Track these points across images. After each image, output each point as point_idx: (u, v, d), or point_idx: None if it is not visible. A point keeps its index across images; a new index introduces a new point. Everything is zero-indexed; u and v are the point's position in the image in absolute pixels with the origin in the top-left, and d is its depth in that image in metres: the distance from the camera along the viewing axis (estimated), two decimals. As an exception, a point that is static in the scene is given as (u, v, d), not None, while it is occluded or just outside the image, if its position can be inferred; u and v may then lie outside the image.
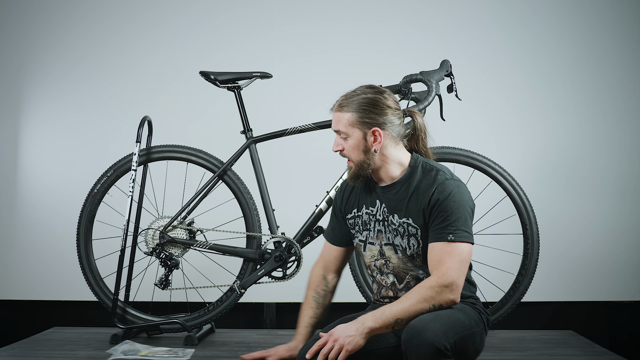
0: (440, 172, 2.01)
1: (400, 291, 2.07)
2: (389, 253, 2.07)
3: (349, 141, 2.04)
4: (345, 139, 2.05)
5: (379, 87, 2.09)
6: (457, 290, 1.91)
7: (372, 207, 2.10)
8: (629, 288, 3.32)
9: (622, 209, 3.34)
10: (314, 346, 1.89)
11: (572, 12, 3.40)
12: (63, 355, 2.53)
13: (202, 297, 3.09)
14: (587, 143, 3.37)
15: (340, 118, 2.05)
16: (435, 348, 1.78)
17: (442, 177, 1.99)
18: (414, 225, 2.01)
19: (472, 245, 1.95)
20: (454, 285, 1.90)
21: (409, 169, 2.05)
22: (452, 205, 1.94)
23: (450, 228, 1.93)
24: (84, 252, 2.84)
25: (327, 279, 2.23)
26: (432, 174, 2.01)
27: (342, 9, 3.44)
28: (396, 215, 2.04)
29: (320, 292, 2.21)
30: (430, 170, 2.03)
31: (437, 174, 2.00)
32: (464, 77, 3.09)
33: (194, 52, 3.44)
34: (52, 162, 3.46)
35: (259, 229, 2.78)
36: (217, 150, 2.90)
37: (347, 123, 2.03)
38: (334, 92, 3.34)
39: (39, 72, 3.48)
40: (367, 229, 2.12)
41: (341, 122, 2.04)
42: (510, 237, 2.87)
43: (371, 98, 2.03)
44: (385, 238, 2.07)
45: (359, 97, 2.03)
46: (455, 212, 1.94)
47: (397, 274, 2.08)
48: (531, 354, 2.55)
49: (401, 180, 2.05)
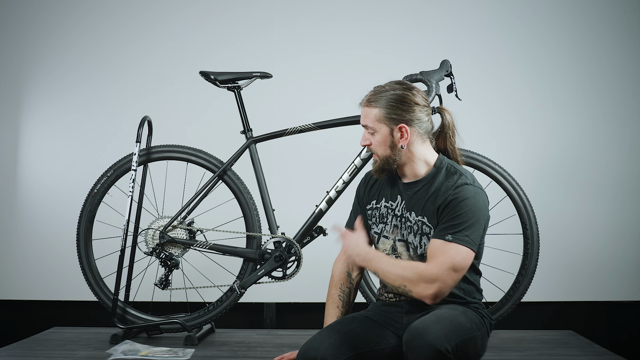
0: (462, 176, 2.01)
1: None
2: (400, 249, 2.07)
3: (376, 136, 2.05)
4: (372, 134, 2.06)
5: (408, 83, 2.09)
6: (436, 287, 1.89)
7: (393, 201, 2.11)
8: (629, 288, 3.32)
9: (622, 209, 3.34)
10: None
11: (572, 12, 3.39)
12: (63, 355, 2.53)
13: (202, 297, 3.09)
14: (587, 143, 3.37)
15: (368, 113, 2.06)
16: (437, 350, 1.78)
17: (463, 181, 1.99)
18: (428, 225, 2.01)
19: (470, 252, 1.93)
20: (437, 283, 1.89)
21: (434, 169, 2.06)
22: (463, 209, 1.94)
23: (453, 229, 1.93)
24: (84, 252, 2.84)
25: (352, 275, 2.21)
26: (454, 177, 2.01)
27: (342, 9, 3.44)
28: (413, 213, 2.04)
29: (345, 290, 2.19)
30: (454, 173, 2.03)
31: (459, 178, 2.00)
32: (464, 77, 3.09)
33: (194, 52, 3.44)
34: (52, 162, 3.46)
35: (259, 229, 2.78)
36: (217, 150, 2.89)
37: (374, 118, 2.04)
38: (334, 92, 3.37)
39: (39, 72, 3.48)
40: (384, 222, 2.12)
41: (369, 117, 2.06)
42: (510, 237, 2.87)
43: (399, 94, 2.03)
44: (400, 234, 2.07)
45: (387, 93, 2.04)
46: (463, 215, 1.94)
47: None
48: (531, 354, 2.55)
49: (424, 179, 2.05)
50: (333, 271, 2.22)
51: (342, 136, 2.98)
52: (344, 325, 2.02)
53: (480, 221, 1.96)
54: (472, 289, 2.05)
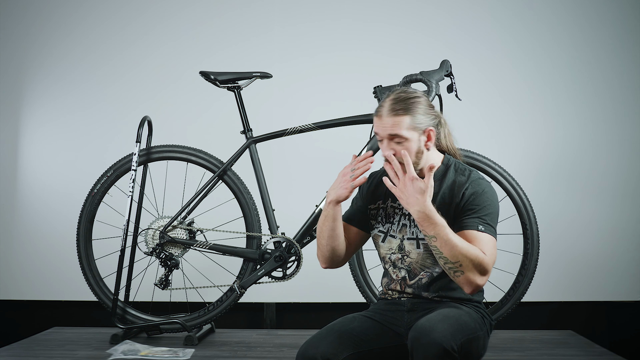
0: (473, 171, 2.06)
1: (409, 287, 2.07)
2: (409, 247, 2.07)
3: (407, 144, 2.00)
4: (399, 143, 2.00)
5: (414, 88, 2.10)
6: (485, 279, 1.91)
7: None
8: (629, 288, 3.32)
9: (622, 209, 3.34)
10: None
11: (572, 12, 3.39)
12: (63, 355, 2.53)
13: (202, 297, 3.09)
14: (587, 143, 3.37)
15: (400, 122, 1.99)
16: (443, 349, 1.78)
17: (476, 176, 2.04)
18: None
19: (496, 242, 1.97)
20: (487, 275, 1.91)
21: (442, 167, 2.08)
22: (486, 201, 1.98)
23: (483, 219, 1.96)
24: (84, 252, 2.84)
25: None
26: (466, 172, 2.05)
27: (342, 9, 3.44)
28: None
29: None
30: (464, 169, 2.06)
31: (470, 173, 2.05)
32: (464, 77, 3.09)
33: (194, 52, 3.44)
34: (52, 162, 3.46)
35: (259, 229, 2.78)
36: (217, 150, 2.90)
37: (407, 126, 1.99)
38: (334, 92, 3.37)
39: (39, 72, 3.48)
40: (390, 221, 2.11)
41: (400, 126, 1.99)
42: (510, 237, 2.87)
43: (422, 100, 2.03)
44: (409, 232, 2.07)
45: (413, 100, 2.01)
46: (488, 207, 1.97)
47: (411, 269, 2.07)
48: (531, 354, 2.55)
49: (434, 176, 2.05)
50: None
51: (342, 136, 2.98)
52: (344, 324, 2.01)
53: (496, 212, 2.01)
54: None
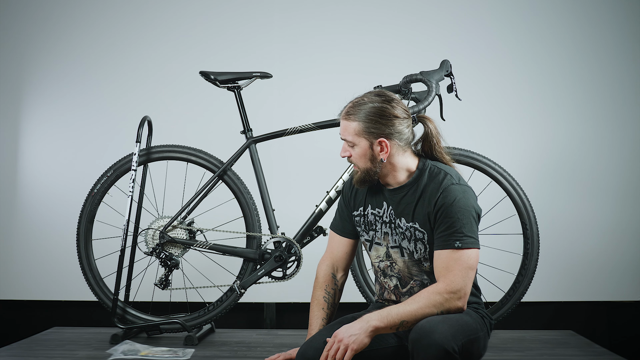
0: (447, 175, 2.00)
1: (403, 295, 2.07)
2: (395, 255, 2.07)
3: (356, 149, 2.02)
4: (352, 147, 2.03)
5: (387, 94, 2.03)
6: (464, 297, 1.91)
7: (379, 208, 2.09)
8: (629, 288, 3.32)
9: (622, 209, 3.34)
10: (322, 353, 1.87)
11: (572, 12, 3.39)
12: (63, 355, 2.53)
13: (202, 297, 3.09)
14: (587, 143, 3.37)
15: (347, 127, 2.02)
16: (444, 350, 1.78)
17: (448, 182, 1.98)
18: (421, 230, 2.00)
19: (478, 251, 1.94)
20: (462, 292, 1.90)
21: (417, 172, 2.03)
22: (457, 211, 1.93)
23: (457, 235, 1.92)
24: (84, 252, 2.84)
25: (337, 277, 2.20)
26: (439, 177, 1.99)
27: (342, 9, 3.44)
28: (403, 219, 2.03)
29: (330, 292, 2.17)
30: (438, 174, 2.01)
31: (444, 178, 1.99)
32: (464, 77, 3.10)
33: (194, 52, 3.44)
34: (52, 162, 3.46)
35: (259, 229, 2.78)
36: (216, 150, 2.90)
37: (353, 132, 2.00)
38: (334, 92, 3.37)
39: (39, 72, 3.48)
40: (373, 229, 2.11)
41: (348, 131, 2.02)
42: (510, 237, 2.87)
43: (378, 107, 1.99)
44: (392, 240, 2.06)
45: (366, 106, 1.99)
46: (460, 218, 1.93)
47: (401, 277, 2.07)
48: (531, 354, 2.55)
49: (408, 184, 2.04)
50: (318, 272, 2.21)
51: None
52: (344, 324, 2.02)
53: (475, 217, 1.96)
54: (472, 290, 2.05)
